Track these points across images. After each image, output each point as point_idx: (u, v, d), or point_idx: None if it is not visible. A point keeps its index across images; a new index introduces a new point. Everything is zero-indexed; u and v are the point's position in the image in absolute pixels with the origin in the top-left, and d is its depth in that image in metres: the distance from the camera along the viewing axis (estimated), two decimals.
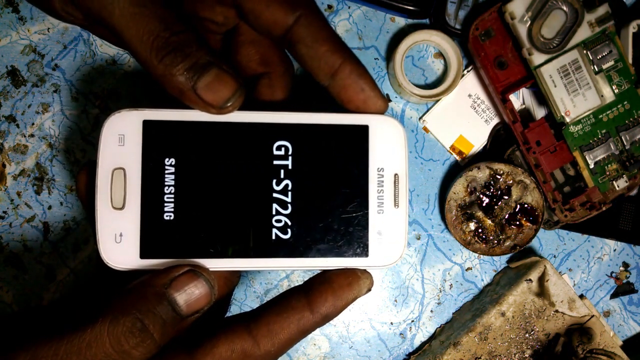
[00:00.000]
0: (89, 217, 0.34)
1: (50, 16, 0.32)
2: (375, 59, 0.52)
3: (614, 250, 0.55)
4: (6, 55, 0.49)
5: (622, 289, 0.56)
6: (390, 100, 0.53)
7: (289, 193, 0.32)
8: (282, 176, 0.32)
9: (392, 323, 0.54)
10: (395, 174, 0.33)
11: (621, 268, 0.55)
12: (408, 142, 0.52)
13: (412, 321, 0.54)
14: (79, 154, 0.50)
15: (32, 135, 0.50)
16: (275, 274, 0.53)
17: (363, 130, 0.33)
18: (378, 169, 0.33)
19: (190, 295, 0.29)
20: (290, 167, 0.32)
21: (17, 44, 0.50)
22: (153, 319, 0.28)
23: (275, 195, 0.32)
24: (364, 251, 0.32)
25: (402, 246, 0.33)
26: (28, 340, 0.27)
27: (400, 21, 0.53)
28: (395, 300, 0.54)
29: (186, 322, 0.29)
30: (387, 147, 0.33)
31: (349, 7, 0.52)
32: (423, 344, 0.54)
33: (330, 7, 0.52)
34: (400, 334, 0.54)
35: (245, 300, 0.53)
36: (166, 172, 0.31)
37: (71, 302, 0.32)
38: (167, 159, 0.31)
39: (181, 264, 0.30)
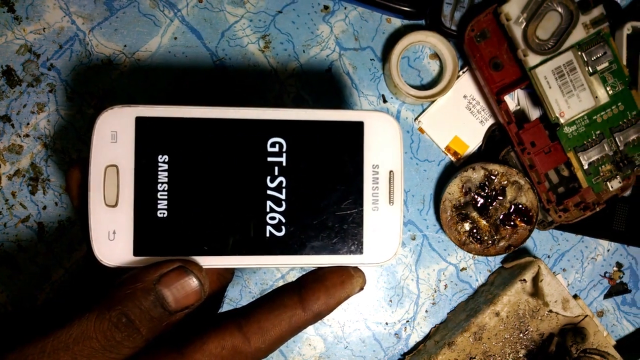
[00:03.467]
0: (78, 214, 0.34)
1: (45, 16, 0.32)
2: (371, 59, 0.52)
3: (608, 250, 0.56)
4: (1, 54, 0.49)
5: (616, 289, 0.56)
6: (386, 101, 0.53)
7: (283, 190, 0.32)
8: (276, 173, 0.32)
9: (387, 323, 0.54)
10: (391, 171, 0.33)
11: (615, 268, 0.56)
12: (403, 142, 0.53)
13: (407, 321, 0.54)
14: (74, 154, 0.50)
15: (27, 135, 0.50)
16: (271, 273, 0.53)
17: (358, 126, 0.32)
18: (373, 165, 0.32)
19: (179, 291, 0.29)
20: (284, 164, 0.32)
21: (13, 44, 0.49)
22: (139, 314, 0.28)
23: (269, 192, 0.32)
24: (358, 248, 0.32)
25: (397, 243, 0.33)
26: (16, 340, 0.27)
27: (396, 22, 0.53)
28: (390, 301, 0.54)
29: (175, 318, 0.29)
30: (382, 144, 0.33)
31: (345, 8, 0.52)
32: (418, 344, 0.54)
33: (326, 7, 0.52)
34: (395, 334, 0.54)
35: (240, 301, 0.53)
36: (159, 169, 0.31)
37: (61, 301, 0.32)
38: (160, 156, 0.31)
39: (172, 260, 0.30)
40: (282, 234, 0.32)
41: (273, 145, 0.32)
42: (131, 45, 0.50)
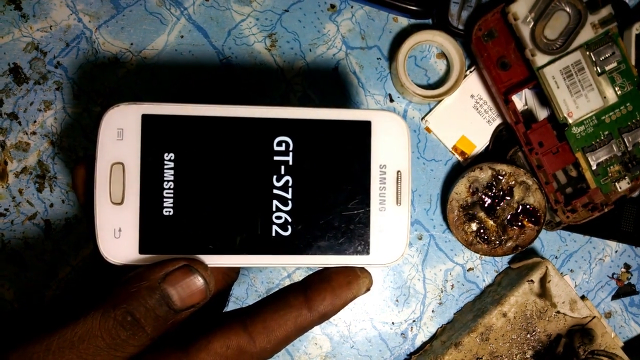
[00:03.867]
0: (84, 211, 0.34)
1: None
2: (377, 58, 0.52)
3: (616, 251, 0.55)
4: (8, 52, 0.49)
5: (624, 291, 0.56)
6: (392, 101, 0.53)
7: (290, 189, 0.32)
8: (282, 172, 0.32)
9: (393, 323, 0.54)
10: (398, 171, 0.32)
11: (622, 269, 0.55)
12: (411, 141, 0.52)
13: (414, 321, 0.54)
14: (81, 152, 0.50)
15: (34, 133, 0.50)
16: (277, 273, 0.53)
17: (365, 126, 0.32)
18: (380, 165, 0.32)
19: (184, 290, 0.29)
20: (291, 163, 0.32)
21: (20, 41, 0.49)
22: (145, 312, 0.28)
23: (275, 191, 0.32)
24: (365, 249, 0.32)
25: (404, 244, 0.32)
26: (21, 338, 0.27)
27: (403, 21, 0.52)
28: (397, 300, 0.54)
29: (181, 317, 0.29)
30: (389, 144, 0.32)
31: (352, 7, 0.52)
32: (424, 344, 0.54)
33: (333, 6, 0.52)
34: (402, 333, 0.54)
35: (246, 299, 0.53)
36: (165, 167, 0.31)
37: (68, 299, 0.32)
38: (166, 154, 0.31)
39: (177, 258, 0.30)
40: (288, 233, 0.32)
41: (279, 144, 0.32)
42: (138, 43, 0.50)
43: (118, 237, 0.31)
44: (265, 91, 0.51)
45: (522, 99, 0.53)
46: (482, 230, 0.51)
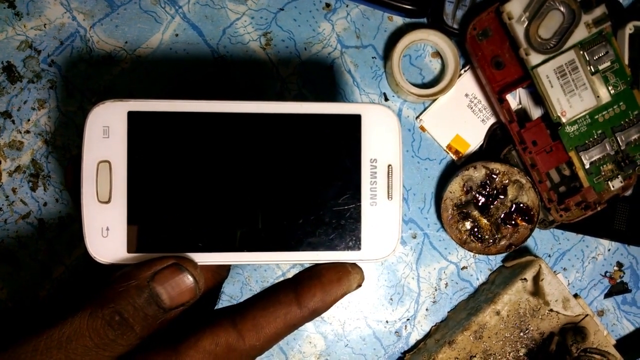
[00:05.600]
0: (76, 210, 0.34)
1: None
2: (372, 57, 0.52)
3: (608, 250, 0.56)
4: (2, 50, 0.49)
5: (616, 289, 0.56)
6: (387, 100, 0.53)
7: (280, 185, 0.32)
8: (272, 168, 0.32)
9: (387, 321, 0.54)
10: (389, 165, 0.32)
11: (615, 268, 0.56)
12: (405, 140, 0.52)
13: (408, 319, 0.54)
14: (75, 151, 0.50)
15: (27, 132, 0.50)
16: (272, 271, 0.53)
17: (355, 119, 0.32)
18: (371, 160, 0.32)
19: (173, 289, 0.29)
20: (280, 158, 0.32)
21: (13, 40, 0.49)
22: (133, 312, 0.28)
23: (265, 187, 0.32)
24: (356, 244, 0.32)
25: (396, 239, 0.32)
26: (9, 339, 0.27)
27: (398, 20, 0.53)
28: (391, 299, 0.54)
29: (170, 315, 0.29)
30: (380, 138, 0.32)
31: (347, 6, 0.52)
32: (418, 343, 0.54)
33: (328, 5, 0.52)
34: (396, 332, 0.54)
35: (241, 298, 0.53)
36: (152, 164, 0.31)
37: (58, 298, 0.31)
38: (153, 151, 0.31)
39: (166, 257, 0.30)
40: (278, 229, 0.32)
41: (269, 139, 0.32)
42: (132, 41, 0.50)
43: (106, 236, 0.31)
44: (260, 90, 0.51)
45: (516, 98, 0.53)
46: (476, 229, 0.51)
